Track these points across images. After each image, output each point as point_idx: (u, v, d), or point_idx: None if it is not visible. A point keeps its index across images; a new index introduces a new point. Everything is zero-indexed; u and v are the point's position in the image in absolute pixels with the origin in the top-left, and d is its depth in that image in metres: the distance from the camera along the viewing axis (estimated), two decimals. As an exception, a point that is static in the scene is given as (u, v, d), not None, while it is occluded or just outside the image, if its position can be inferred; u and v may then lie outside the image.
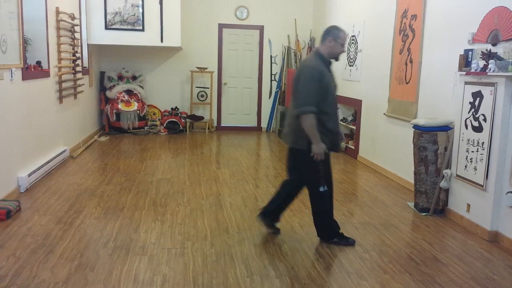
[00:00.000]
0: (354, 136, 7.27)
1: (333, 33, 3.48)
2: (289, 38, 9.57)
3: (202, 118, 9.26)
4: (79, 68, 7.00)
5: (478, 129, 3.91)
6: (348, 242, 3.64)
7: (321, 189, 3.49)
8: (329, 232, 3.66)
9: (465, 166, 4.08)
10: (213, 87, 9.43)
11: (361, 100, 6.93)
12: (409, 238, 3.82)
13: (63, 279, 2.92)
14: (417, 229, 4.05)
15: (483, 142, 3.84)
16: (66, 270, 3.03)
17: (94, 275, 2.98)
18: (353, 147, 7.20)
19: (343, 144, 7.48)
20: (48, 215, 4.06)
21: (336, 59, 3.55)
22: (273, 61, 9.67)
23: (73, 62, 6.69)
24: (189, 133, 9.00)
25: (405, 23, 5.57)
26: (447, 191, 4.38)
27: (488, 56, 3.79)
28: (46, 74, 5.63)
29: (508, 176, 3.61)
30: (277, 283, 2.95)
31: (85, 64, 7.68)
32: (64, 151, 6.15)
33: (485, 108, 3.82)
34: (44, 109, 5.57)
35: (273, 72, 9.71)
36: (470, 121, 4.02)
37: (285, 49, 9.58)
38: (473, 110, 3.99)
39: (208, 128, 9.35)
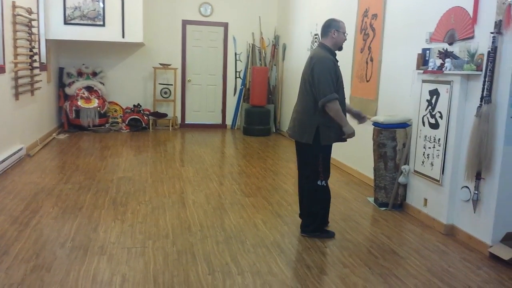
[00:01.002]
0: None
1: (334, 25, 3.65)
2: (253, 35, 9.57)
3: (165, 115, 9.15)
4: (36, 64, 6.78)
5: (435, 126, 4.02)
6: (328, 234, 3.75)
7: (319, 183, 3.62)
8: (315, 227, 3.73)
9: (422, 162, 4.19)
10: (177, 84, 9.33)
11: (324, 98, 6.99)
12: (368, 233, 3.90)
13: (18, 280, 2.82)
14: (376, 224, 4.14)
15: (439, 139, 3.96)
16: (21, 272, 2.93)
17: (51, 276, 2.90)
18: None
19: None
20: (3, 215, 3.92)
21: (340, 48, 3.70)
22: (237, 59, 9.66)
23: (30, 58, 6.47)
24: (152, 131, 8.87)
25: (366, 22, 5.67)
26: (405, 186, 4.49)
27: (444, 55, 3.89)
28: (1, 69, 5.42)
29: (462, 171, 3.73)
30: (238, 279, 2.95)
31: (43, 59, 7.44)
32: (21, 149, 5.95)
33: (442, 105, 3.93)
34: (-1, 106, 5.37)
35: (238, 70, 9.69)
36: (427, 118, 4.13)
37: (249, 46, 9.58)
38: (430, 107, 4.10)
39: (172, 126, 9.24)
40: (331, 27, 3.65)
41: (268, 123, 9.07)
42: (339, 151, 6.41)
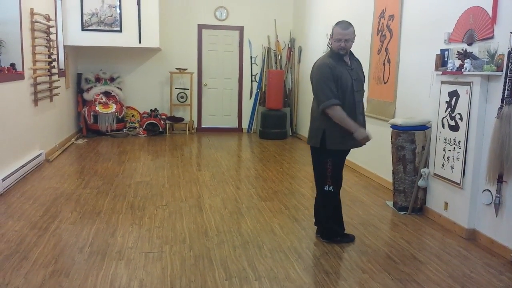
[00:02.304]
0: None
1: (332, 30, 3.56)
2: (269, 38, 9.56)
3: (182, 119, 9.19)
4: (55, 70, 6.87)
5: (455, 128, 3.95)
6: (349, 238, 3.72)
7: (326, 188, 3.55)
8: (329, 232, 3.68)
9: (442, 165, 4.11)
10: (193, 88, 9.37)
11: (340, 100, 6.94)
12: (387, 237, 3.84)
13: (37, 285, 2.85)
14: (395, 228, 4.07)
15: (459, 141, 3.88)
16: (40, 277, 2.96)
17: (69, 281, 2.91)
18: (333, 147, 7.21)
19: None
20: (23, 221, 3.97)
21: (339, 53, 3.52)
22: (253, 62, 9.65)
23: (48, 64, 6.56)
24: (169, 135, 8.92)
25: (382, 23, 5.60)
26: (425, 189, 4.41)
27: (463, 55, 3.82)
28: (20, 76, 5.51)
29: (484, 174, 3.65)
30: (256, 285, 2.93)
31: (62, 66, 7.55)
32: (40, 154, 6.03)
33: (461, 107, 3.86)
34: (19, 112, 5.45)
35: (254, 73, 9.69)
36: (447, 120, 4.06)
37: (265, 49, 9.57)
38: (449, 109, 4.02)
39: (189, 130, 9.28)
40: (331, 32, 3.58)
41: (285, 127, 9.03)
42: (357, 154, 6.34)
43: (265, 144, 8.34)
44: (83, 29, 7.87)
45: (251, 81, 9.71)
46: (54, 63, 6.82)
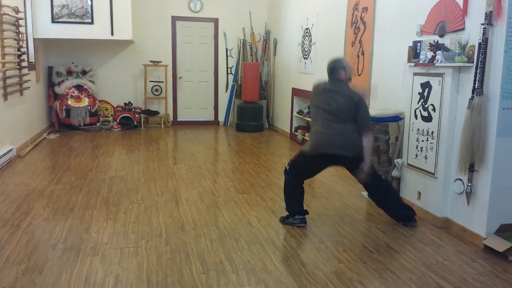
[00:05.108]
0: (310, 128, 7.32)
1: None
2: (244, 31, 9.52)
3: (157, 113, 9.09)
4: (24, 64, 6.69)
5: (428, 118, 4.01)
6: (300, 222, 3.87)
7: (286, 166, 3.92)
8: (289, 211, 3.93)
9: (416, 155, 4.18)
10: (168, 81, 9.27)
11: (316, 92, 6.97)
12: (363, 227, 3.89)
13: (9, 283, 2.78)
14: (371, 218, 4.13)
15: (432, 132, 3.95)
16: (12, 274, 2.89)
17: (43, 278, 2.86)
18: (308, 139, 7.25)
19: (299, 136, 7.54)
20: (-7, 218, 3.87)
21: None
22: (228, 54, 9.60)
23: (18, 57, 6.38)
24: (144, 129, 8.81)
25: (356, 15, 5.64)
26: (399, 179, 4.48)
27: (435, 47, 3.88)
28: (-12, 69, 5.34)
29: (456, 163, 3.72)
30: (233, 277, 2.93)
31: (32, 59, 7.34)
32: (11, 150, 5.87)
33: (434, 98, 3.92)
34: (-13, 107, 5.30)
35: (229, 66, 9.64)
36: (420, 111, 4.12)
37: (240, 42, 9.53)
38: (422, 100, 4.08)
39: (164, 123, 9.19)
40: None
41: (261, 119, 9.04)
42: (332, 146, 6.39)
43: (242, 136, 8.33)
44: (53, 21, 7.66)
45: (227, 73, 9.66)
46: (24, 56, 6.64)
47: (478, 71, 3.44)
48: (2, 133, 5.78)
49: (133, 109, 8.87)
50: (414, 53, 4.30)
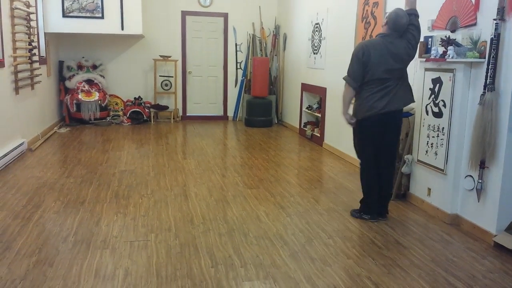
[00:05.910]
0: (319, 123, 7.32)
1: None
2: (253, 25, 9.50)
3: (166, 107, 9.12)
4: (36, 58, 6.74)
5: (438, 114, 3.98)
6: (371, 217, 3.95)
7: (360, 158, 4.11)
8: (362, 206, 4.02)
9: (426, 151, 4.15)
10: (178, 76, 9.28)
11: (325, 88, 6.96)
12: (372, 223, 3.87)
13: (20, 275, 2.81)
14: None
15: (443, 128, 3.92)
16: (24, 267, 2.93)
17: (53, 270, 2.89)
18: (318, 135, 7.25)
19: (308, 132, 7.52)
20: (5, 211, 3.91)
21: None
22: (238, 49, 9.59)
23: (29, 52, 6.43)
24: (153, 123, 8.85)
25: (367, 10, 5.60)
26: (408, 176, 4.46)
27: (447, 42, 3.84)
28: (0, 64, 5.39)
29: (466, 160, 3.70)
30: (241, 272, 2.94)
31: (43, 53, 7.40)
32: (22, 143, 5.93)
33: (445, 94, 3.89)
34: (-1, 101, 5.35)
35: (239, 61, 9.63)
36: (431, 107, 4.09)
37: (250, 37, 9.51)
38: (433, 96, 4.05)
39: (173, 118, 9.22)
40: None
41: (270, 114, 9.03)
42: (341, 141, 6.38)
43: (251, 132, 8.33)
44: (64, 15, 7.70)
45: (236, 68, 9.65)
46: (35, 51, 6.69)
47: (490, 67, 3.41)
48: (13, 127, 5.84)
49: (143, 104, 8.91)
50: (425, 48, 4.26)
